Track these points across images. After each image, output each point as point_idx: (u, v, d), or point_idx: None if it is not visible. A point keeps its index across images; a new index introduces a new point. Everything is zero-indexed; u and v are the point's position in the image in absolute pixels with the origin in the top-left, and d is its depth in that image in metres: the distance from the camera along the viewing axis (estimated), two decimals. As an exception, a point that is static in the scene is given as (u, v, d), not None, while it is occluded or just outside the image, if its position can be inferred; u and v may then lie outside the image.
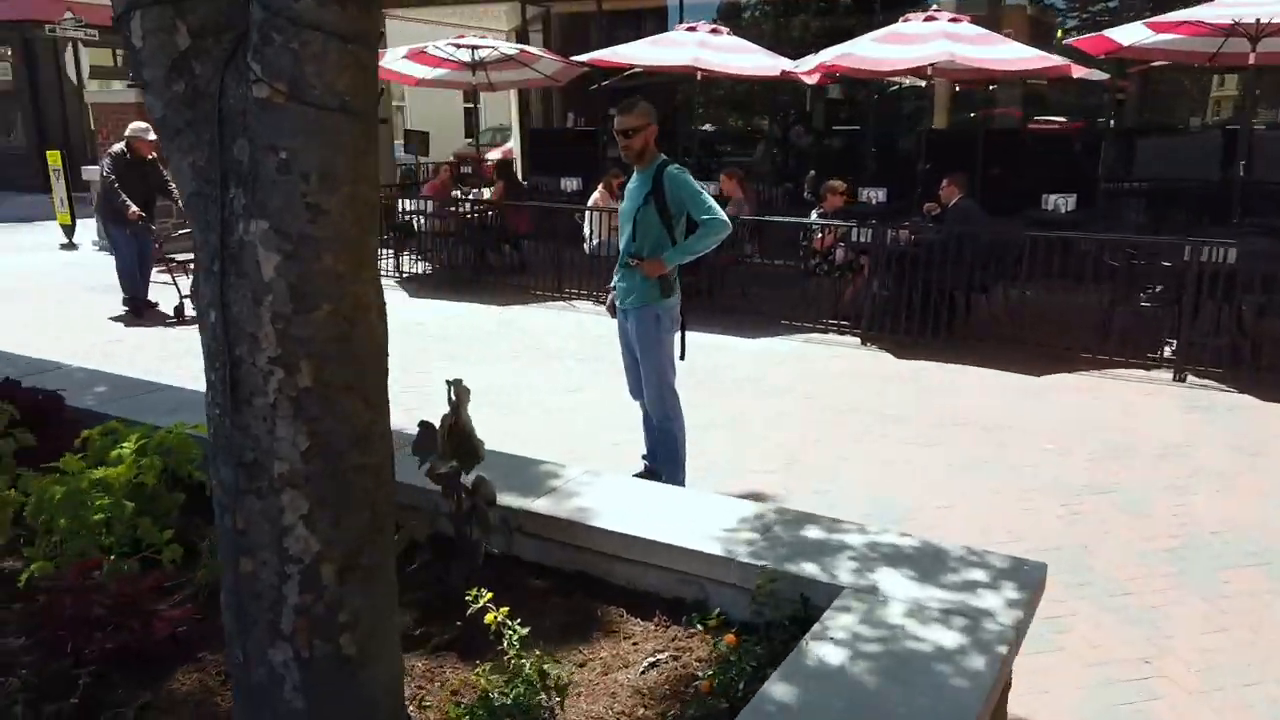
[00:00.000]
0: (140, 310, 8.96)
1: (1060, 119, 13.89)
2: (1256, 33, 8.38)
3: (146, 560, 2.80)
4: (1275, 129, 13.18)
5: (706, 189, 4.41)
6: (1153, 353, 7.26)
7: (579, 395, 6.46)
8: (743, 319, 8.68)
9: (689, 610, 2.67)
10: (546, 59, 12.69)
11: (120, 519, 2.72)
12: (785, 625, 2.42)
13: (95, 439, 3.08)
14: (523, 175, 14.82)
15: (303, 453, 1.89)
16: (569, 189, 12.40)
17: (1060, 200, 10.14)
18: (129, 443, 3.00)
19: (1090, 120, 13.70)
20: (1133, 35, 8.62)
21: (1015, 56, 8.83)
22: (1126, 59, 10.40)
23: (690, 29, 10.86)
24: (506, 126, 19.87)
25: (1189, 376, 6.93)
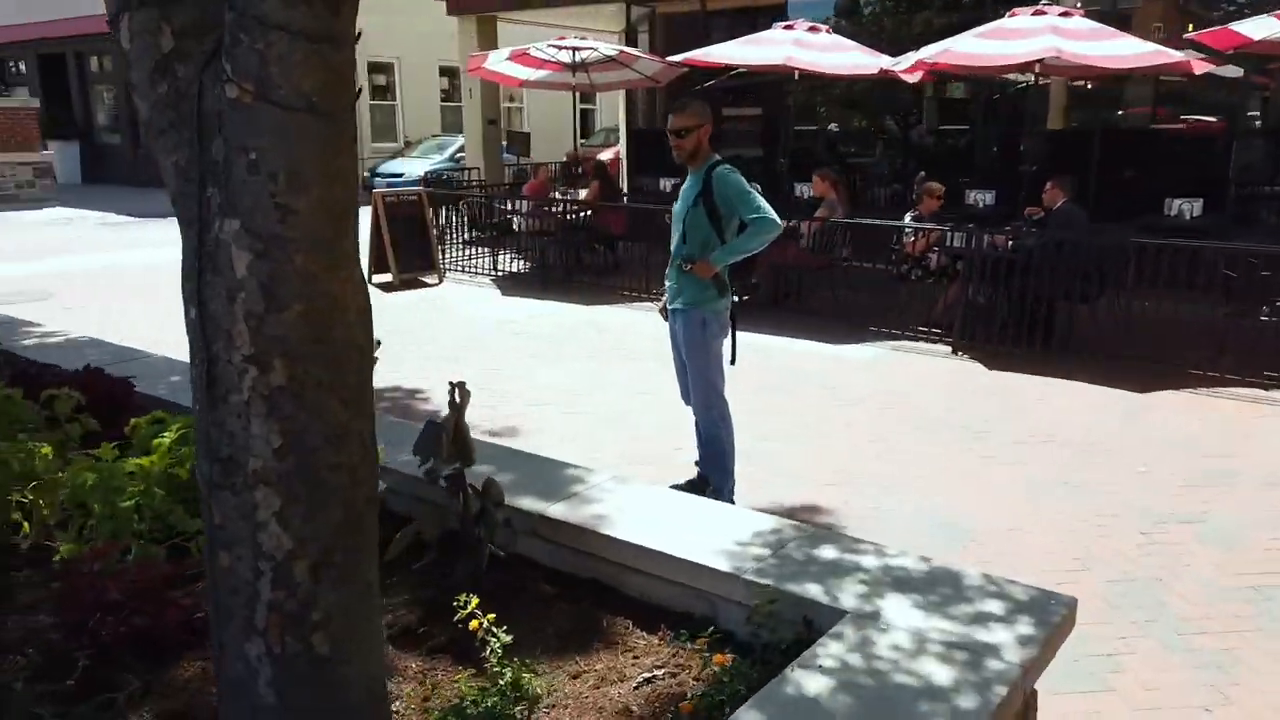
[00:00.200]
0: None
1: (1189, 118, 13.01)
2: None
3: (176, 548, 2.90)
4: None
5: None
6: (1272, 371, 6.71)
7: (649, 398, 6.40)
8: (830, 323, 8.46)
9: (697, 626, 2.59)
10: (645, 60, 12.68)
11: (150, 506, 2.81)
12: (782, 648, 2.32)
13: (142, 427, 3.21)
14: (627, 175, 14.84)
15: (275, 450, 1.91)
16: (667, 189, 12.37)
17: (1185, 205, 9.51)
18: (170, 432, 3.11)
19: (1229, 119, 12.78)
20: (1264, 29, 7.99)
21: (1128, 52, 8.29)
22: (1262, 54, 9.64)
23: (788, 27, 10.65)
24: (618, 128, 20.01)
25: (1312, 398, 6.39)
